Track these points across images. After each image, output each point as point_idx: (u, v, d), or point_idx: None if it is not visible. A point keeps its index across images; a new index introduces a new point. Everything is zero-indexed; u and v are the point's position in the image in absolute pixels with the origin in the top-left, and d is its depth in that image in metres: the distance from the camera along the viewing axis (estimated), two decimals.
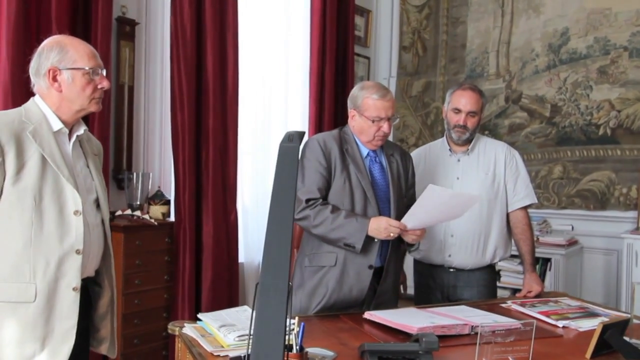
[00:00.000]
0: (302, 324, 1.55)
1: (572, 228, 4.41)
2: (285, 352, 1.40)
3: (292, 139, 1.65)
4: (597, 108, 4.31)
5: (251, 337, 1.36)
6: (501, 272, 4.12)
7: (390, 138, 5.23)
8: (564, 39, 4.46)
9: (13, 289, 1.64)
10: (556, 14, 4.50)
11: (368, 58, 5.19)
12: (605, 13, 4.30)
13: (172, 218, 3.52)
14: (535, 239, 4.16)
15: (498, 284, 4.01)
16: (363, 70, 5.13)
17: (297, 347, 1.53)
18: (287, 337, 1.41)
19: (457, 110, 2.61)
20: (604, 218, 4.29)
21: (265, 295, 1.37)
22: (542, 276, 4.10)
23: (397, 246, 2.37)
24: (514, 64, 4.70)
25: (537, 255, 4.04)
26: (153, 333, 3.35)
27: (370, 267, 2.27)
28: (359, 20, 4.98)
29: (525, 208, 2.66)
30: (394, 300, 2.42)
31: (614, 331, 1.73)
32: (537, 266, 4.13)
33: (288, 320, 1.37)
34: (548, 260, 4.09)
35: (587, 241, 4.35)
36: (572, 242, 4.24)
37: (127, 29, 3.44)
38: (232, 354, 1.64)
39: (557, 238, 4.17)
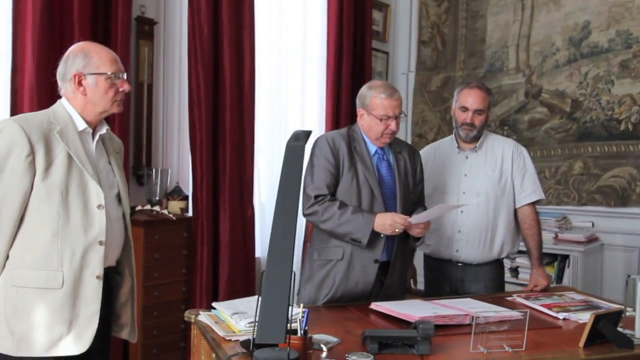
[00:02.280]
0: (307, 310, 1.65)
1: (593, 225, 4.37)
2: (288, 336, 1.48)
3: (298, 138, 1.74)
4: (619, 103, 4.25)
5: (256, 323, 1.45)
6: (519, 269, 4.11)
7: (409, 134, 5.26)
8: (585, 33, 4.40)
9: (42, 276, 1.77)
10: (577, 7, 4.44)
11: (387, 53, 5.20)
12: (628, 6, 4.22)
13: (190, 213, 3.62)
14: (554, 235, 4.19)
15: (515, 280, 4.02)
16: (382, 65, 5.14)
17: (302, 332, 1.60)
18: (291, 322, 1.49)
19: (464, 109, 2.64)
20: (625, 215, 4.23)
21: (271, 283, 1.46)
22: (561, 273, 4.08)
23: (403, 241, 2.42)
24: (534, 58, 4.66)
25: (555, 252, 4.06)
26: (172, 325, 3.45)
27: (375, 261, 2.33)
28: (377, 15, 5.00)
29: (533, 204, 2.67)
30: (401, 293, 2.47)
31: (606, 321, 1.78)
32: (556, 263, 4.11)
33: (291, 306, 1.45)
34: (567, 257, 4.06)
35: (608, 238, 4.30)
36: (592, 239, 4.20)
37: (146, 28, 3.54)
38: (242, 339, 1.74)
39: (576, 235, 4.14)
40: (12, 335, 1.75)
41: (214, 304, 2.07)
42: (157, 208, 3.42)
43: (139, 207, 3.40)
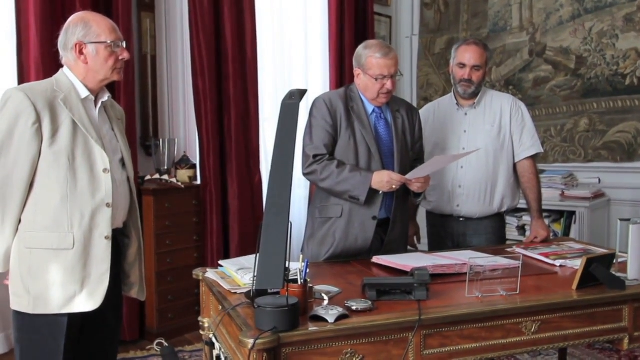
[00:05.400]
0: (307, 259, 1.71)
1: (599, 181, 4.38)
2: (287, 284, 1.55)
3: (293, 96, 1.79)
4: (624, 57, 4.22)
5: (255, 276, 1.52)
6: (526, 227, 4.15)
7: (415, 97, 5.27)
8: None
9: (54, 237, 1.86)
10: None
11: (390, 17, 5.18)
12: None
13: (199, 181, 3.70)
14: (560, 192, 4.22)
15: (522, 238, 4.06)
16: (385, 29, 5.13)
17: (302, 281, 1.66)
18: (289, 272, 1.56)
19: (462, 65, 2.66)
20: (632, 169, 4.24)
21: (268, 233, 1.53)
22: (567, 229, 4.12)
23: (403, 198, 2.46)
24: (538, 15, 4.62)
25: (561, 209, 4.09)
26: (185, 290, 3.56)
27: (374, 218, 2.37)
28: None
29: (532, 158, 2.69)
30: (403, 249, 2.52)
31: (598, 264, 1.81)
32: (562, 220, 4.15)
33: (288, 254, 1.52)
34: (573, 213, 4.09)
35: (615, 193, 4.31)
36: (598, 195, 4.22)
37: (147, 0, 3.57)
38: (245, 291, 1.82)
39: (581, 191, 4.16)
40: (29, 294, 1.84)
41: (220, 262, 2.14)
42: (166, 177, 3.50)
43: (148, 177, 3.48)
